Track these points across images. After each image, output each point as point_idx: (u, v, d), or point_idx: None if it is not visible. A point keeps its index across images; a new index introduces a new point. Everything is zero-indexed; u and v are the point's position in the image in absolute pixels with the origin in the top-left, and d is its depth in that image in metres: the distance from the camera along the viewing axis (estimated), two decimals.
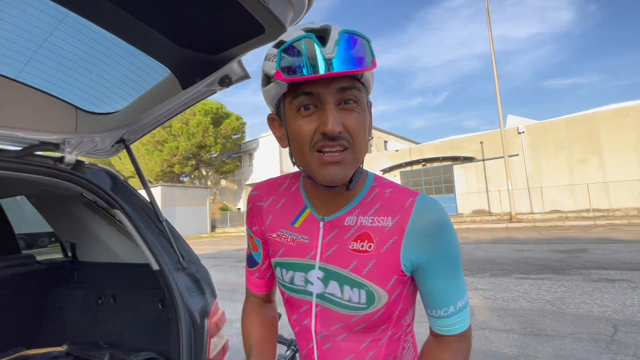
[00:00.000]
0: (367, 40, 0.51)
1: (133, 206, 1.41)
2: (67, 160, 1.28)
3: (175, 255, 1.37)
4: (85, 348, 1.58)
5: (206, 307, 1.32)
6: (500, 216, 16.81)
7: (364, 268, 0.58)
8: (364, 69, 0.50)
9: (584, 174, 16.26)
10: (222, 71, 1.14)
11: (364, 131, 0.55)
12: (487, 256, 7.26)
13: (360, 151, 0.55)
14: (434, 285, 0.59)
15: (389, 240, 0.58)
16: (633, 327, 3.09)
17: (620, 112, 15.64)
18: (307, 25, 0.53)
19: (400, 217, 0.58)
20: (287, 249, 0.65)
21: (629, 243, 7.58)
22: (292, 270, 0.65)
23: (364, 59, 0.50)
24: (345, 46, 0.48)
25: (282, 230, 0.66)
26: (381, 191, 0.62)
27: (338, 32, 0.49)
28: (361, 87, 0.54)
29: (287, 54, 0.50)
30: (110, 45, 1.13)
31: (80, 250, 1.97)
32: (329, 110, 0.51)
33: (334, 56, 0.48)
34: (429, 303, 0.61)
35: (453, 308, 0.59)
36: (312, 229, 0.63)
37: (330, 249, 0.61)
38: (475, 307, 4.01)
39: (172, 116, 1.40)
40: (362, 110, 0.54)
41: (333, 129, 0.50)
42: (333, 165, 0.53)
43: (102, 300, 1.77)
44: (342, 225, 0.61)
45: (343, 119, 0.52)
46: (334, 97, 0.51)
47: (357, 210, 0.61)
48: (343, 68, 0.48)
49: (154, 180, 26.26)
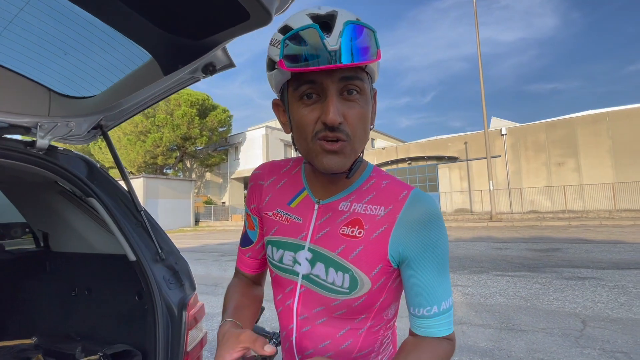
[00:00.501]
0: (373, 30, 0.50)
1: (110, 195, 1.36)
2: (38, 145, 1.22)
3: (154, 246, 1.33)
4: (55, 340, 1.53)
5: (185, 299, 1.29)
6: (481, 215, 17.27)
7: (351, 253, 0.59)
8: (368, 62, 0.49)
9: (561, 176, 16.90)
10: (205, 58, 1.11)
11: (364, 123, 0.55)
12: (467, 254, 7.46)
13: (359, 142, 0.56)
14: (418, 280, 0.57)
15: (379, 229, 0.58)
16: (601, 323, 3.25)
17: (596, 118, 16.30)
18: (313, 11, 0.52)
19: (393, 207, 0.59)
20: (281, 228, 0.67)
21: (600, 243, 7.95)
22: (282, 249, 0.66)
23: (369, 50, 0.49)
24: (349, 37, 0.48)
25: (279, 209, 0.68)
26: (378, 182, 0.63)
27: (343, 23, 0.48)
28: (365, 77, 0.54)
29: (290, 43, 0.49)
30: (89, 27, 1.08)
31: (53, 240, 1.89)
32: (330, 101, 0.51)
33: (337, 48, 0.47)
34: (412, 300, 0.59)
35: (437, 308, 0.57)
36: (307, 210, 0.65)
37: (322, 232, 0.62)
38: (454, 303, 4.11)
39: (153, 103, 1.36)
40: (364, 101, 0.55)
41: (333, 120, 0.50)
42: (332, 154, 0.54)
43: (76, 292, 1.71)
44: (336, 210, 0.62)
45: (344, 111, 0.52)
46: (337, 85, 0.51)
47: (352, 197, 0.62)
48: (346, 60, 0.48)
49: (136, 172, 25.56)
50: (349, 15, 0.52)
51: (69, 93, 1.28)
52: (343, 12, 0.51)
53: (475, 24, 16.29)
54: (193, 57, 1.09)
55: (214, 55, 1.13)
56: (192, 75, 1.22)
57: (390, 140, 36.24)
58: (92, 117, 1.30)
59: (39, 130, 1.22)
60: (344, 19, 0.49)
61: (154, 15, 0.99)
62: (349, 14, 0.52)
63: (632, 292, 4.14)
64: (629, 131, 15.39)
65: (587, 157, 16.32)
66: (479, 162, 18.62)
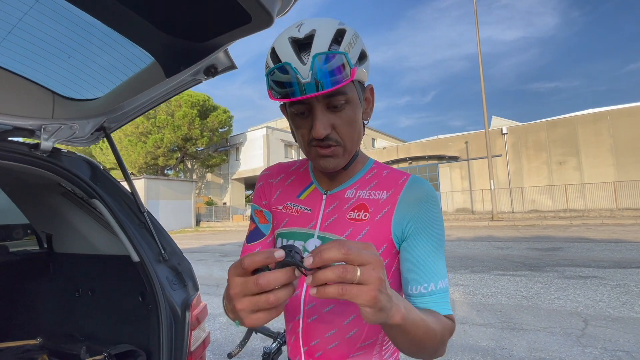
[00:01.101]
0: (344, 54, 0.53)
1: (113, 196, 1.37)
2: (42, 147, 1.23)
3: (157, 247, 1.34)
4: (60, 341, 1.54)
5: (188, 299, 1.30)
6: (482, 215, 17.25)
7: (358, 235, 0.63)
8: (338, 86, 0.53)
9: (562, 175, 16.87)
10: (207, 60, 1.12)
11: (353, 127, 0.61)
12: (468, 253, 7.45)
13: (352, 143, 0.62)
14: (417, 255, 0.60)
15: (383, 210, 0.64)
16: (602, 322, 3.25)
17: (597, 117, 16.26)
18: (293, 34, 0.56)
19: (394, 191, 0.65)
20: (291, 219, 0.71)
21: (601, 242, 7.93)
22: (292, 239, 0.69)
23: (340, 73, 0.53)
24: (319, 68, 0.52)
25: (289, 202, 0.73)
26: (379, 171, 0.70)
27: (312, 55, 0.53)
28: (349, 88, 0.58)
29: (272, 77, 0.55)
30: (92, 30, 1.09)
31: (57, 241, 1.90)
32: (315, 117, 0.57)
33: (309, 80, 0.53)
34: (410, 278, 0.60)
35: (434, 286, 0.59)
36: (315, 201, 0.70)
37: (330, 219, 0.67)
38: (455, 302, 4.12)
39: (155, 105, 1.37)
40: (352, 107, 0.60)
41: (319, 135, 0.57)
42: (326, 157, 0.61)
43: (80, 293, 1.72)
44: (342, 198, 0.68)
45: (332, 120, 0.58)
46: (322, 103, 0.57)
47: (357, 185, 0.68)
48: (318, 90, 0.53)
49: (137, 173, 25.60)
50: (327, 33, 0.54)
51: (72, 96, 1.29)
52: (321, 30, 0.54)
53: (475, 23, 16.28)
54: (195, 59, 1.10)
55: (216, 57, 1.14)
56: (194, 77, 1.23)
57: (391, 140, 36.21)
58: (95, 119, 1.31)
59: (43, 133, 1.23)
60: (316, 48, 0.53)
61: (156, 18, 1.00)
62: (326, 32, 0.54)
63: (633, 291, 4.14)
64: (630, 130, 15.36)
65: (588, 156, 16.29)
66: (479, 162, 18.60)
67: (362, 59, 0.59)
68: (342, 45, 0.55)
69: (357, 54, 0.57)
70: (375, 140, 33.79)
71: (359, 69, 0.58)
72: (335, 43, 0.55)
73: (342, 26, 0.57)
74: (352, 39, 0.56)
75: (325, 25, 0.55)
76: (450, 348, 2.89)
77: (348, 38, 0.56)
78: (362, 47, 0.59)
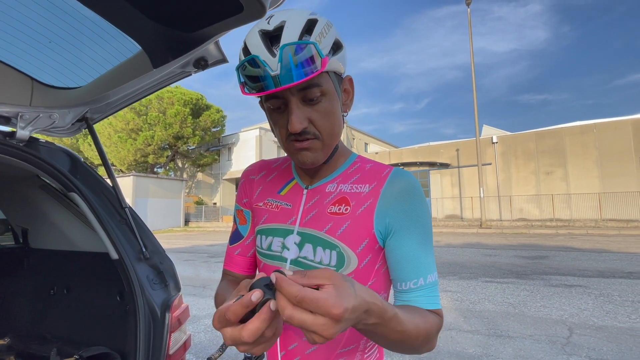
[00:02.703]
0: (313, 43, 0.51)
1: (93, 190, 1.31)
2: (18, 136, 1.17)
3: (138, 244, 1.28)
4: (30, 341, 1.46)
5: (168, 300, 1.25)
6: (471, 222, 17.45)
7: (339, 229, 0.61)
8: (310, 76, 0.51)
9: (549, 185, 17.20)
10: (197, 52, 1.08)
11: (331, 119, 0.59)
12: (457, 260, 7.50)
13: (330, 137, 0.60)
14: (403, 251, 0.58)
15: (365, 203, 0.61)
16: (586, 330, 3.28)
17: (584, 129, 16.67)
18: (263, 27, 0.54)
19: (377, 184, 0.62)
20: (271, 215, 0.69)
21: (586, 252, 8.08)
22: (271, 235, 0.67)
23: (310, 65, 0.51)
24: (288, 59, 0.50)
25: (269, 198, 0.71)
26: (362, 165, 0.67)
27: (280, 47, 0.51)
28: (323, 79, 0.56)
29: (242, 72, 0.54)
30: (76, 15, 1.04)
31: (32, 236, 1.82)
32: (291, 111, 0.55)
33: (278, 72, 0.51)
34: (398, 274, 0.59)
35: (423, 280, 0.57)
36: (296, 196, 0.68)
37: (310, 214, 0.64)
38: (443, 308, 4.11)
39: (141, 97, 1.31)
40: (329, 99, 0.58)
41: (295, 129, 0.55)
42: (304, 151, 0.59)
43: (55, 291, 1.64)
44: (324, 192, 0.65)
45: (308, 114, 0.56)
46: (297, 96, 0.55)
47: (339, 179, 0.66)
48: (288, 82, 0.51)
49: (126, 170, 25.14)
50: (297, 23, 0.53)
51: (53, 83, 1.23)
52: (291, 21, 0.53)
53: (469, 33, 16.56)
54: (184, 50, 1.06)
55: (206, 49, 1.10)
56: (183, 70, 1.19)
57: (384, 145, 36.46)
58: (76, 108, 1.25)
59: (19, 121, 1.17)
60: (285, 37, 0.51)
61: (144, 6, 0.96)
62: (296, 23, 0.53)
63: (617, 300, 4.20)
64: (615, 143, 15.78)
65: (575, 167, 16.66)
66: (470, 169, 18.84)
67: (337, 50, 0.57)
68: (313, 36, 0.53)
69: (330, 44, 0.55)
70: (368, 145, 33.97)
71: (333, 59, 0.56)
72: (307, 33, 0.53)
73: (314, 16, 0.55)
74: (323, 29, 0.54)
75: (295, 16, 0.54)
76: (437, 354, 2.87)
77: (319, 28, 0.54)
78: (335, 36, 0.57)
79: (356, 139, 32.16)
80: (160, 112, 24.06)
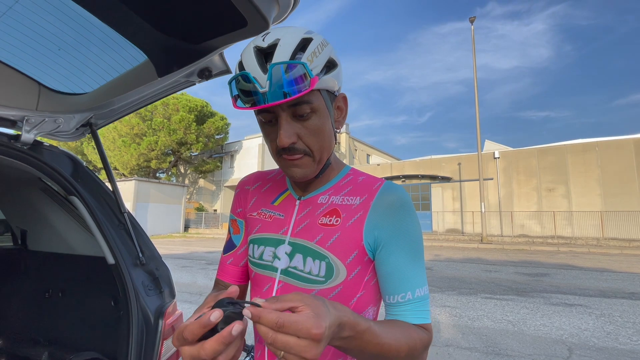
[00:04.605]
0: (303, 64, 0.53)
1: (93, 194, 1.32)
2: (23, 139, 1.19)
3: (135, 249, 1.29)
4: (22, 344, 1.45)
5: (162, 306, 1.24)
6: (472, 236, 17.31)
7: (329, 240, 0.61)
8: (297, 95, 0.52)
9: (551, 202, 17.11)
10: (202, 62, 1.11)
11: (320, 136, 0.60)
12: (456, 275, 7.42)
13: (320, 152, 0.61)
14: (392, 264, 0.58)
15: (355, 215, 0.62)
16: (587, 351, 3.22)
17: (586, 147, 16.68)
18: (258, 43, 0.56)
19: (368, 196, 0.63)
20: (263, 225, 0.70)
21: (588, 270, 7.98)
22: (263, 245, 0.68)
23: (299, 84, 0.52)
24: (278, 77, 0.52)
25: (263, 208, 0.72)
26: (355, 178, 0.69)
27: (270, 65, 0.52)
28: (314, 97, 0.57)
29: (237, 85, 0.55)
30: (85, 24, 1.07)
31: (31, 238, 1.82)
32: (280, 126, 0.56)
33: (267, 90, 0.52)
34: (386, 287, 0.59)
35: (411, 294, 0.57)
36: (289, 206, 0.69)
37: (302, 224, 0.65)
38: (441, 323, 4.05)
39: (145, 104, 1.34)
40: (319, 116, 0.59)
41: (283, 144, 0.56)
42: (294, 167, 0.60)
43: (50, 294, 1.63)
44: (315, 203, 0.66)
45: (298, 130, 0.58)
46: (287, 112, 0.56)
47: (331, 191, 0.67)
48: (276, 99, 0.52)
49: (129, 174, 25.23)
50: (291, 42, 0.54)
51: (59, 88, 1.26)
52: (285, 39, 0.54)
53: (472, 49, 16.78)
54: (189, 60, 1.09)
55: (210, 60, 1.13)
56: (188, 79, 1.22)
57: (386, 157, 36.54)
58: (81, 114, 1.28)
59: (25, 124, 1.20)
60: (277, 57, 0.53)
61: (151, 16, 0.99)
62: (290, 42, 0.54)
63: (618, 321, 4.13)
64: (617, 162, 15.76)
65: (577, 184, 16.61)
66: (471, 184, 18.81)
67: (330, 68, 0.59)
68: (306, 55, 0.54)
69: (323, 63, 0.57)
70: (370, 156, 34.07)
71: (325, 77, 0.57)
72: (300, 51, 0.55)
73: (309, 35, 0.57)
74: (317, 48, 0.56)
75: (289, 34, 0.55)
76: None
77: (313, 47, 0.55)
78: (329, 55, 0.58)
79: (358, 150, 32.27)
80: (165, 118, 24.30)
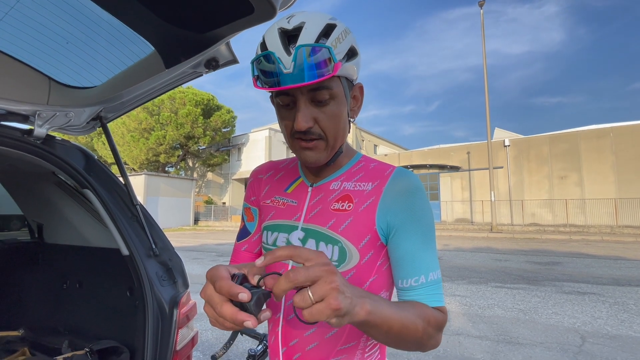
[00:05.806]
0: (328, 48, 0.53)
1: (106, 187, 1.34)
2: (36, 134, 1.21)
3: (148, 241, 1.31)
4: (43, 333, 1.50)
5: (177, 296, 1.27)
6: (481, 226, 17.17)
7: (341, 225, 0.62)
8: (321, 79, 0.53)
9: (563, 190, 16.80)
10: (209, 52, 1.10)
11: (336, 122, 0.60)
12: (466, 264, 7.39)
13: (335, 138, 0.61)
14: (405, 249, 0.59)
15: (367, 201, 0.63)
16: (600, 339, 3.19)
17: (600, 133, 16.25)
18: (283, 25, 0.56)
19: (380, 182, 0.64)
20: (277, 212, 0.71)
21: (601, 259, 7.87)
22: (277, 231, 0.69)
23: (322, 67, 0.53)
24: (302, 59, 0.52)
25: (276, 196, 0.73)
26: (366, 165, 0.69)
27: (296, 47, 0.53)
28: (334, 83, 0.58)
29: (257, 66, 0.56)
30: (92, 16, 1.07)
31: (47, 231, 1.87)
32: (298, 109, 0.57)
33: (290, 71, 0.53)
34: (399, 272, 0.60)
35: (424, 278, 0.58)
36: (302, 193, 0.70)
37: (314, 210, 0.66)
38: (451, 312, 4.06)
39: (154, 96, 1.34)
40: (337, 103, 0.59)
41: (300, 128, 0.57)
42: (308, 150, 0.61)
43: (67, 285, 1.68)
44: (328, 190, 0.67)
45: (315, 114, 0.58)
46: (306, 96, 0.57)
47: (343, 178, 0.68)
48: (299, 81, 0.53)
49: (138, 169, 25.60)
50: (316, 26, 0.54)
51: (69, 82, 1.27)
52: (310, 23, 0.55)
53: (482, 35, 16.35)
54: (196, 50, 1.08)
55: (217, 50, 1.12)
56: (195, 70, 1.21)
57: (393, 147, 36.24)
58: (91, 107, 1.29)
59: (37, 119, 1.21)
60: (302, 40, 0.53)
61: (157, 7, 0.98)
62: (315, 26, 0.54)
63: (632, 309, 4.08)
64: (633, 148, 15.33)
65: (590, 171, 16.24)
66: (481, 173, 18.56)
67: (351, 56, 0.59)
68: (330, 40, 0.54)
69: (345, 50, 0.57)
70: (378, 146, 33.83)
71: (346, 65, 0.58)
72: (324, 37, 0.55)
73: (333, 21, 0.57)
74: (341, 35, 0.56)
75: (315, 18, 0.56)
76: (444, 359, 2.84)
77: (337, 33, 0.56)
78: (352, 43, 0.58)
79: (365, 140, 32.06)
80: (172, 112, 24.44)
